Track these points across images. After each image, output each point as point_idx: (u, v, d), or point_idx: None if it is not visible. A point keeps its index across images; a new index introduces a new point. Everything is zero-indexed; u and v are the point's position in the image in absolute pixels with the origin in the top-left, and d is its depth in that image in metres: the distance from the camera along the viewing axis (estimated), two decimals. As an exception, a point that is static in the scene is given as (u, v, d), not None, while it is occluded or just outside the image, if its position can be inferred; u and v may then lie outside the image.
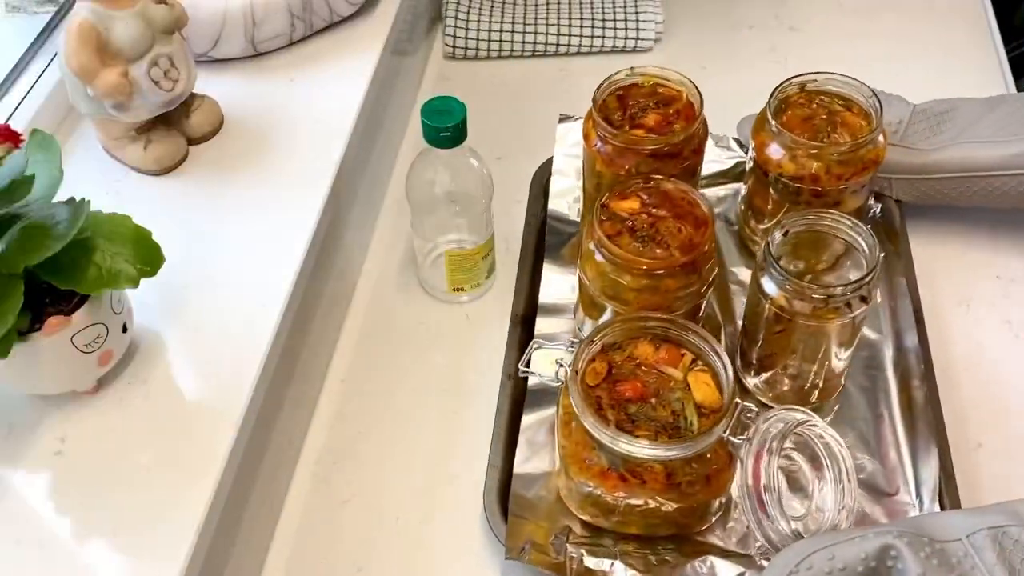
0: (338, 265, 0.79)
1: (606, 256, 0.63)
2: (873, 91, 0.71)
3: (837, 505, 0.58)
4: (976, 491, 0.69)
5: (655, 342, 0.61)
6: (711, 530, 0.64)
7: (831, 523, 0.58)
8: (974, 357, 0.77)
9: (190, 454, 0.57)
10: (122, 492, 0.55)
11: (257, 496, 0.65)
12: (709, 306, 0.76)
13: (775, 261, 0.62)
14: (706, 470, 0.57)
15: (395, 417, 0.75)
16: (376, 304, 0.83)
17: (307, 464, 0.72)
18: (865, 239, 0.63)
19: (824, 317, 0.62)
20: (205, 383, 0.60)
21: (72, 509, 0.54)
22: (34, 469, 0.56)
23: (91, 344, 0.55)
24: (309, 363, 0.74)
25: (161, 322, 0.63)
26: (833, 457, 0.58)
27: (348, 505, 0.70)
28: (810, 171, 0.69)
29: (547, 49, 1.05)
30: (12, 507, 0.54)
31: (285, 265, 0.67)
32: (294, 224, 0.69)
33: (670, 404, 0.58)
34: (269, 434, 0.67)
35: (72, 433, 0.58)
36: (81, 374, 0.57)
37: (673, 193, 0.67)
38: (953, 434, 0.72)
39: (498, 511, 0.65)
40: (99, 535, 0.53)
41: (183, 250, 0.66)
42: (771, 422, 0.57)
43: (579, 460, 0.59)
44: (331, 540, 0.68)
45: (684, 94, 0.73)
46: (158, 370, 0.61)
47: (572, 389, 0.57)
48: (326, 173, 0.73)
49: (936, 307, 0.80)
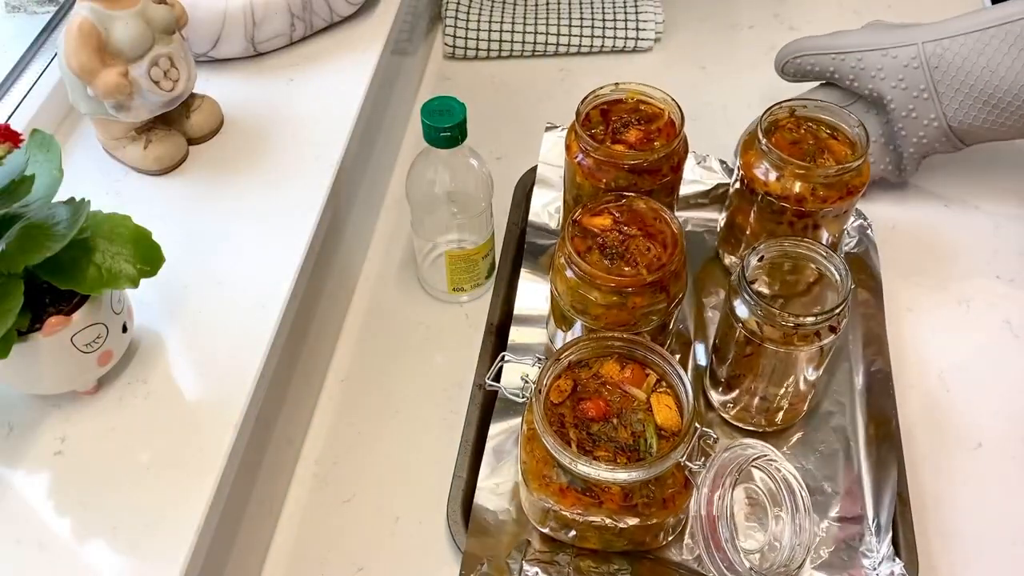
0: (338, 265, 0.79)
1: (575, 272, 0.64)
2: (860, 121, 0.72)
3: (793, 541, 0.58)
4: (975, 490, 0.69)
5: (621, 361, 0.62)
6: (669, 547, 0.64)
7: (786, 559, 0.58)
8: (974, 357, 0.77)
9: (190, 454, 0.57)
10: (122, 492, 0.55)
11: (257, 496, 0.65)
12: (682, 322, 0.77)
13: (748, 285, 0.63)
14: (663, 493, 0.58)
15: (395, 417, 0.75)
16: (376, 304, 0.83)
17: (307, 464, 0.72)
18: (838, 269, 0.64)
19: (793, 344, 0.62)
20: (205, 383, 0.60)
21: (72, 509, 0.54)
22: (34, 469, 0.56)
23: (91, 344, 0.55)
24: (309, 363, 0.74)
25: (161, 322, 0.63)
26: (791, 493, 0.59)
27: (348, 505, 0.70)
28: (795, 191, 0.70)
29: (547, 49, 1.05)
30: (12, 507, 0.54)
31: (285, 265, 0.67)
32: (294, 224, 0.69)
33: (631, 425, 0.59)
34: (269, 434, 0.67)
35: (72, 433, 0.58)
36: (81, 374, 0.57)
37: (644, 212, 0.68)
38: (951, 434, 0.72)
39: (461, 522, 0.66)
40: (99, 535, 0.53)
41: (183, 250, 0.66)
42: (730, 453, 0.57)
43: (539, 477, 0.59)
44: (331, 540, 0.68)
45: (667, 112, 0.74)
46: (158, 370, 0.61)
47: (535, 408, 0.58)
48: (326, 173, 0.73)
49: (934, 307, 0.80)
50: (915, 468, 0.70)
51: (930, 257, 0.84)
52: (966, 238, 0.86)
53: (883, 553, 0.62)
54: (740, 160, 0.74)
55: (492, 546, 0.63)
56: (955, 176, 0.91)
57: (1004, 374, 0.76)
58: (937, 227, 0.86)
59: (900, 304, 0.80)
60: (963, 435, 0.72)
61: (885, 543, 0.63)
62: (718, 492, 0.56)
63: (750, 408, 0.69)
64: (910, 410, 0.73)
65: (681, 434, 0.57)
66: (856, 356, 0.74)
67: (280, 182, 0.73)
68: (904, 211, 0.88)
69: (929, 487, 0.69)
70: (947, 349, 0.77)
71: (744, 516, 0.65)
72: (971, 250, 0.85)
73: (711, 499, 0.56)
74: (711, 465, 0.57)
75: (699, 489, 0.57)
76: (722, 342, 0.68)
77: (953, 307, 0.81)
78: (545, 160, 0.86)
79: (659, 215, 0.67)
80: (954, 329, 0.79)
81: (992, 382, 0.75)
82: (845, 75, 0.82)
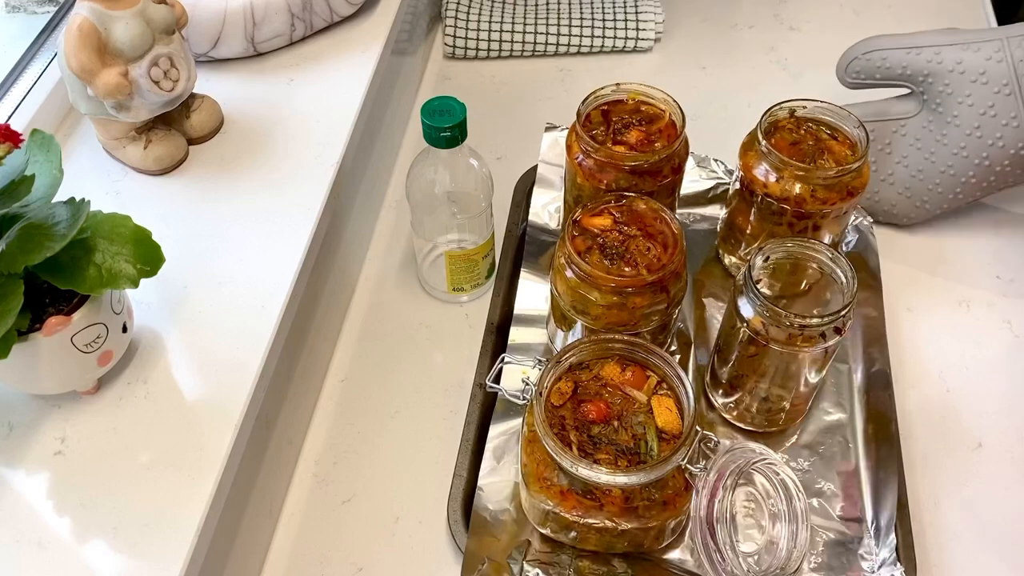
0: (338, 265, 0.79)
1: (576, 272, 0.64)
2: (860, 121, 0.71)
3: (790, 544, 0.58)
4: (975, 490, 0.69)
5: (621, 363, 0.62)
6: (669, 549, 0.64)
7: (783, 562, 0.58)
8: (974, 357, 0.77)
9: (190, 454, 0.57)
10: (122, 492, 0.55)
11: (257, 496, 0.65)
12: (682, 322, 0.77)
13: (754, 285, 0.63)
14: (664, 495, 0.58)
15: (395, 417, 0.75)
16: (376, 304, 0.83)
17: (307, 464, 0.72)
18: (844, 271, 0.64)
19: (797, 345, 0.63)
20: (205, 383, 0.60)
21: (72, 509, 0.54)
22: (34, 469, 0.56)
23: (91, 344, 0.55)
24: (309, 363, 0.74)
25: (161, 322, 0.63)
26: (789, 497, 0.59)
27: (348, 505, 0.70)
28: (795, 193, 0.70)
29: (547, 49, 1.05)
30: (12, 507, 0.54)
31: (285, 265, 0.67)
32: (294, 224, 0.69)
33: (632, 427, 0.59)
34: (269, 434, 0.67)
35: (72, 433, 0.58)
36: (81, 374, 0.57)
37: (645, 212, 0.68)
38: (951, 435, 0.72)
39: (462, 521, 0.66)
40: (99, 535, 0.53)
41: (183, 250, 0.66)
42: (730, 456, 0.57)
43: (539, 479, 0.59)
44: (331, 540, 0.68)
45: (667, 113, 0.74)
46: (158, 370, 0.61)
47: (536, 411, 0.58)
48: (326, 173, 0.73)
49: (934, 307, 0.80)
50: (914, 469, 0.70)
51: (931, 257, 0.84)
52: (966, 238, 0.86)
53: (883, 557, 0.62)
54: (740, 161, 0.74)
55: (492, 546, 0.63)
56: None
57: (1004, 374, 0.76)
58: (938, 227, 0.86)
59: (900, 304, 0.80)
60: (963, 435, 0.72)
61: (885, 546, 0.63)
62: (718, 495, 0.56)
63: (751, 409, 0.69)
64: (910, 410, 0.73)
65: (682, 437, 0.57)
66: (856, 356, 0.74)
67: (280, 182, 0.73)
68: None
69: (928, 488, 0.69)
70: (947, 349, 0.77)
71: (743, 518, 0.65)
72: (971, 250, 0.85)
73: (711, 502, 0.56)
74: (711, 468, 0.57)
75: (699, 492, 0.57)
76: (725, 342, 0.68)
77: (953, 307, 0.81)
78: (545, 160, 0.86)
79: (659, 215, 0.67)
80: (954, 329, 0.79)
81: (992, 382, 0.75)
82: (919, 71, 0.78)
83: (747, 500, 0.65)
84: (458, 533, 0.65)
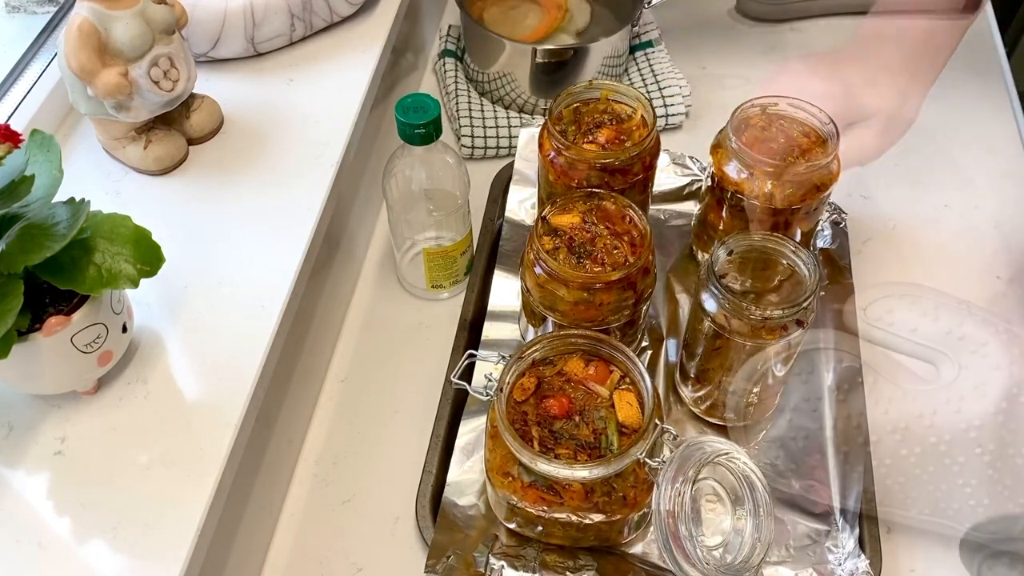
0: (338, 265, 0.79)
1: (543, 269, 0.64)
2: (831, 118, 0.71)
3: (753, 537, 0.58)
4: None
5: (585, 358, 0.62)
6: (634, 543, 0.64)
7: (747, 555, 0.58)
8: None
9: (190, 454, 0.57)
10: (122, 492, 0.55)
11: (257, 496, 0.65)
12: (655, 318, 0.77)
13: (717, 279, 0.63)
14: (624, 489, 0.58)
15: (395, 417, 0.75)
16: (376, 304, 0.83)
17: (307, 464, 0.72)
18: (806, 263, 0.64)
19: (761, 337, 0.63)
20: (205, 383, 0.60)
21: (72, 509, 0.54)
22: (34, 469, 0.56)
23: (91, 344, 0.55)
24: (309, 363, 0.74)
25: (161, 322, 0.63)
26: (752, 489, 0.59)
27: (348, 505, 0.70)
28: (765, 190, 0.70)
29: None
30: (12, 507, 0.54)
31: (285, 265, 0.67)
32: (294, 224, 0.69)
33: (593, 422, 0.59)
34: (269, 434, 0.67)
35: (72, 433, 0.58)
36: (81, 374, 0.57)
37: (613, 210, 0.68)
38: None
39: (430, 517, 0.66)
40: (99, 535, 0.53)
41: (183, 250, 0.66)
42: (690, 449, 0.57)
43: (502, 474, 0.59)
44: (331, 540, 0.68)
45: (639, 111, 0.74)
46: (158, 370, 0.61)
47: (497, 406, 0.58)
48: (326, 173, 0.73)
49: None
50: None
51: (931, 257, 0.84)
52: (966, 238, 0.86)
53: (848, 549, 0.63)
54: (711, 158, 0.74)
55: (460, 540, 0.63)
56: (955, 175, 0.91)
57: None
58: (938, 227, 0.86)
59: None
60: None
61: (851, 539, 0.63)
62: (678, 487, 0.56)
63: (721, 403, 0.69)
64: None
65: (640, 431, 0.57)
66: (827, 352, 0.74)
67: (280, 182, 0.73)
68: (904, 211, 0.88)
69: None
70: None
71: (706, 512, 0.65)
72: (972, 250, 0.85)
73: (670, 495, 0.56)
74: (671, 462, 0.57)
75: (659, 486, 0.57)
76: (691, 336, 0.69)
77: (953, 307, 0.80)
78: (522, 156, 0.86)
79: (627, 213, 0.67)
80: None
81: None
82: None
83: (711, 494, 0.65)
84: (426, 529, 0.65)
